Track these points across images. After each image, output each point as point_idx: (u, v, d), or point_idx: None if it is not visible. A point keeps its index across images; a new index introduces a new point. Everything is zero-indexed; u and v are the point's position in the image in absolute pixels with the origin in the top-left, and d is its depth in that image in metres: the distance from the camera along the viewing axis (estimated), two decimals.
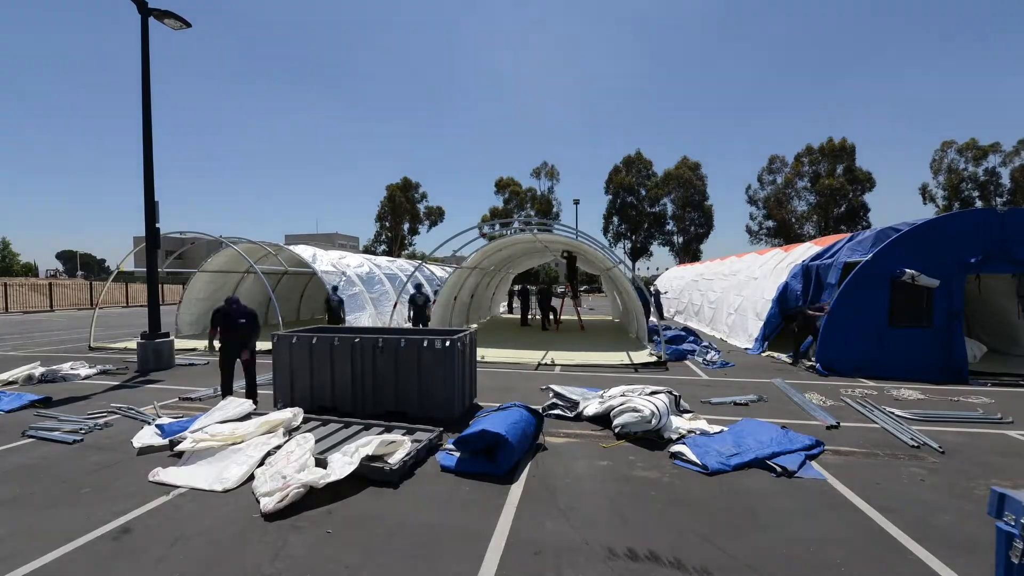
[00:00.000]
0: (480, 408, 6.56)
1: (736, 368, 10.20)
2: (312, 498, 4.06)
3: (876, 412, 6.64)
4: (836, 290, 9.70)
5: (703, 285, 19.83)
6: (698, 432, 5.65)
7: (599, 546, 3.43)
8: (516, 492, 4.27)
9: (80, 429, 5.90)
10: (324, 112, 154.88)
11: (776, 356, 11.31)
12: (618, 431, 5.68)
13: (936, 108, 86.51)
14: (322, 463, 4.46)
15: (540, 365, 10.29)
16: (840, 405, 7.13)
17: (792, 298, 11.65)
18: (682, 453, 5.02)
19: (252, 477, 4.46)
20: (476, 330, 7.44)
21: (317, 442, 4.96)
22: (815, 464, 4.87)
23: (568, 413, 6.47)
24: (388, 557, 3.30)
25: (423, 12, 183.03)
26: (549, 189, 60.77)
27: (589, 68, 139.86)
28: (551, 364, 10.41)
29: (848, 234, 11.85)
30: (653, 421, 5.50)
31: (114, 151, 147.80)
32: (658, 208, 57.02)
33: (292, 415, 5.59)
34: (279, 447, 4.85)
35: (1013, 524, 2.29)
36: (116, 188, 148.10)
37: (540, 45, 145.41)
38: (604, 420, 6.11)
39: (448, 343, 6.20)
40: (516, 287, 24.48)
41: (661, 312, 20.25)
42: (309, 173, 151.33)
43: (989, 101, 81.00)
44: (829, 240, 12.49)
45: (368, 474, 4.43)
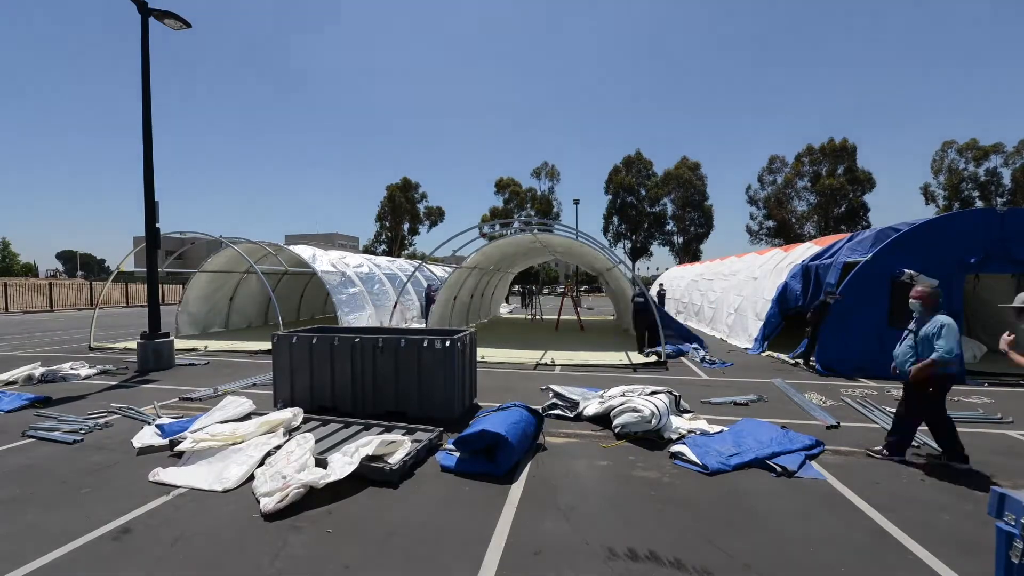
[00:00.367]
0: (480, 408, 6.56)
1: (736, 368, 10.20)
2: (312, 498, 4.06)
3: (876, 412, 6.65)
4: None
5: (703, 285, 19.82)
6: (698, 432, 5.65)
7: (599, 546, 3.42)
8: (516, 492, 4.27)
9: (80, 429, 5.90)
10: (324, 112, 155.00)
11: (776, 356, 11.31)
12: (618, 431, 5.68)
13: (936, 108, 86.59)
14: (322, 463, 4.46)
15: (540, 365, 10.29)
16: (840, 405, 7.13)
17: (792, 298, 11.65)
18: (682, 453, 5.02)
19: (252, 477, 4.46)
20: (476, 330, 7.44)
21: (317, 442, 4.96)
22: (815, 464, 4.87)
23: (568, 413, 6.47)
24: (388, 557, 3.30)
25: (423, 12, 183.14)
26: (549, 189, 60.81)
27: (590, 68, 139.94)
28: (551, 364, 10.41)
29: (848, 234, 11.84)
30: (653, 421, 5.50)
31: (114, 151, 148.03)
32: (658, 208, 57.04)
33: (292, 415, 5.59)
34: (279, 447, 4.85)
35: (1013, 524, 2.29)
36: (116, 188, 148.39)
37: (541, 45, 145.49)
38: (604, 420, 6.11)
39: (448, 343, 6.20)
40: (520, 287, 24.87)
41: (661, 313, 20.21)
42: (309, 173, 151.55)
43: (990, 101, 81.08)
44: (829, 240, 12.49)
45: (368, 474, 4.43)
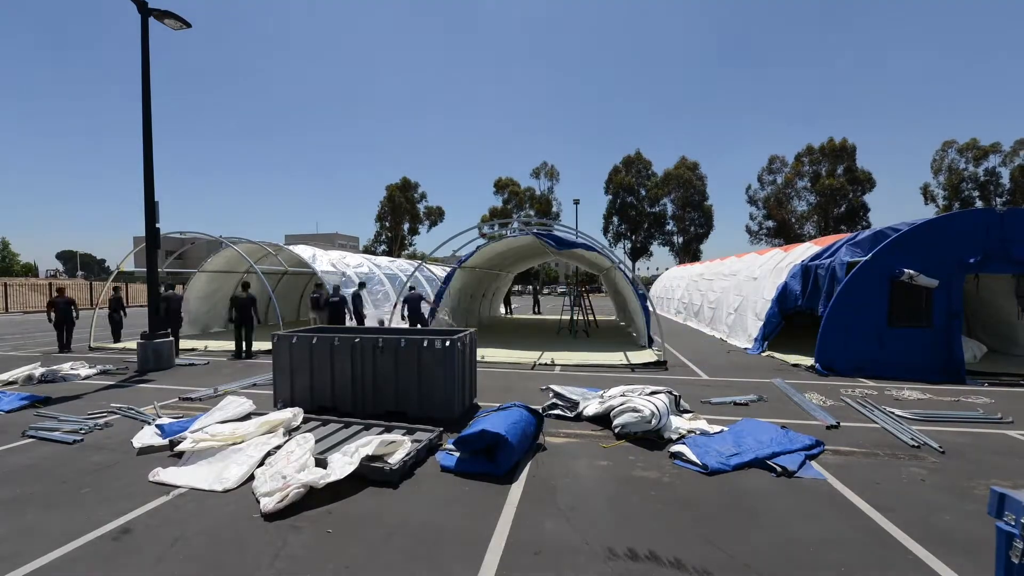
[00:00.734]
0: (480, 408, 6.55)
1: (736, 368, 10.20)
2: (312, 498, 4.06)
3: (876, 412, 6.64)
4: (836, 289, 9.70)
5: (703, 285, 19.81)
6: (698, 432, 5.65)
7: (599, 546, 3.42)
8: (516, 492, 4.27)
9: (80, 429, 5.90)
10: (324, 112, 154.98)
11: (776, 356, 11.31)
12: (618, 431, 5.68)
13: (936, 108, 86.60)
14: (322, 463, 4.46)
15: (540, 365, 10.29)
16: (840, 405, 7.13)
17: (792, 298, 11.65)
18: (682, 453, 5.02)
19: (252, 477, 4.46)
20: (476, 330, 7.43)
21: (317, 442, 4.96)
22: (815, 464, 4.87)
23: (568, 413, 6.47)
24: (388, 557, 3.30)
25: (423, 12, 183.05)
26: (549, 189, 60.88)
27: (590, 68, 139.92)
28: (551, 364, 10.41)
29: (848, 234, 11.84)
30: (653, 421, 5.50)
31: (114, 151, 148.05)
32: (658, 208, 57.09)
33: (292, 415, 5.59)
34: (279, 447, 4.85)
35: (1013, 524, 2.29)
36: (116, 188, 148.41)
37: (540, 44, 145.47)
38: (604, 420, 6.11)
39: (448, 343, 6.20)
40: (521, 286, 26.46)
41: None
42: (309, 173, 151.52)
43: (990, 101, 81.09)
44: (829, 240, 12.49)
45: (368, 474, 4.43)
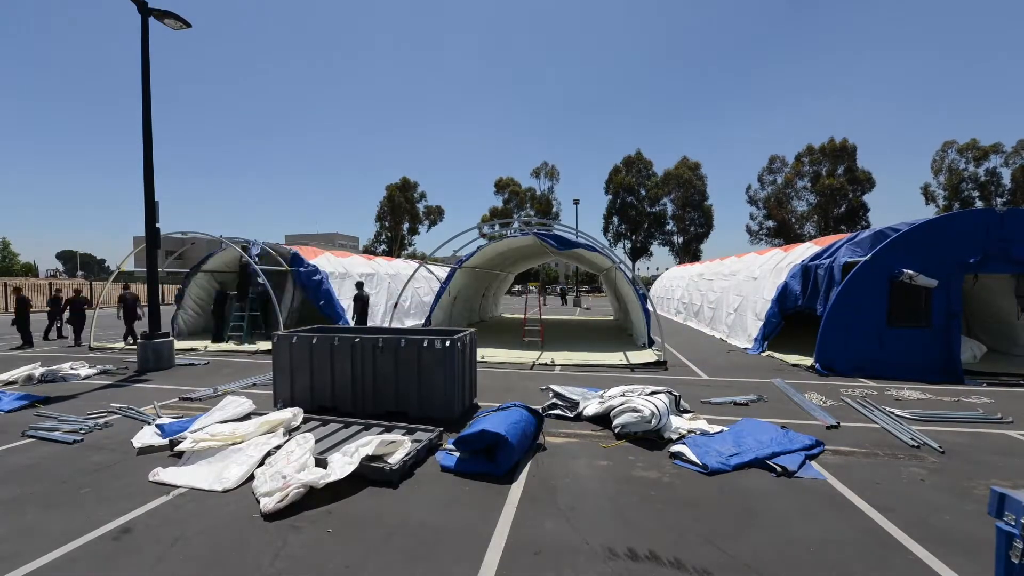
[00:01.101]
0: (480, 408, 6.56)
1: (736, 368, 10.20)
2: (312, 498, 4.06)
3: (876, 412, 6.64)
4: (836, 289, 9.70)
5: (703, 285, 19.82)
6: (698, 432, 5.65)
7: (599, 546, 3.43)
8: (516, 492, 4.27)
9: (80, 429, 5.90)
10: (324, 112, 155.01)
11: (775, 356, 11.31)
12: (618, 431, 5.68)
13: (936, 108, 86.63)
14: (322, 463, 4.46)
15: (539, 365, 10.29)
16: (840, 405, 7.13)
17: (792, 298, 11.65)
18: (682, 453, 5.02)
19: (252, 477, 4.46)
20: (476, 330, 7.43)
21: (317, 442, 4.96)
22: (815, 464, 4.87)
23: (568, 413, 6.47)
24: (388, 557, 3.30)
25: (423, 12, 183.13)
26: (549, 189, 60.85)
27: (590, 67, 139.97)
28: (551, 364, 10.41)
29: (848, 234, 11.85)
30: (653, 421, 5.50)
31: (114, 151, 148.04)
32: (658, 208, 57.05)
33: (292, 415, 5.60)
34: (279, 447, 4.85)
35: (1013, 524, 2.29)
36: (116, 188, 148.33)
37: (541, 44, 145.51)
38: (604, 420, 6.11)
39: (448, 343, 6.20)
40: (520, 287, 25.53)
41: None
42: (309, 173, 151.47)
43: (990, 101, 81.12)
44: (829, 240, 12.49)
45: (368, 474, 4.43)
